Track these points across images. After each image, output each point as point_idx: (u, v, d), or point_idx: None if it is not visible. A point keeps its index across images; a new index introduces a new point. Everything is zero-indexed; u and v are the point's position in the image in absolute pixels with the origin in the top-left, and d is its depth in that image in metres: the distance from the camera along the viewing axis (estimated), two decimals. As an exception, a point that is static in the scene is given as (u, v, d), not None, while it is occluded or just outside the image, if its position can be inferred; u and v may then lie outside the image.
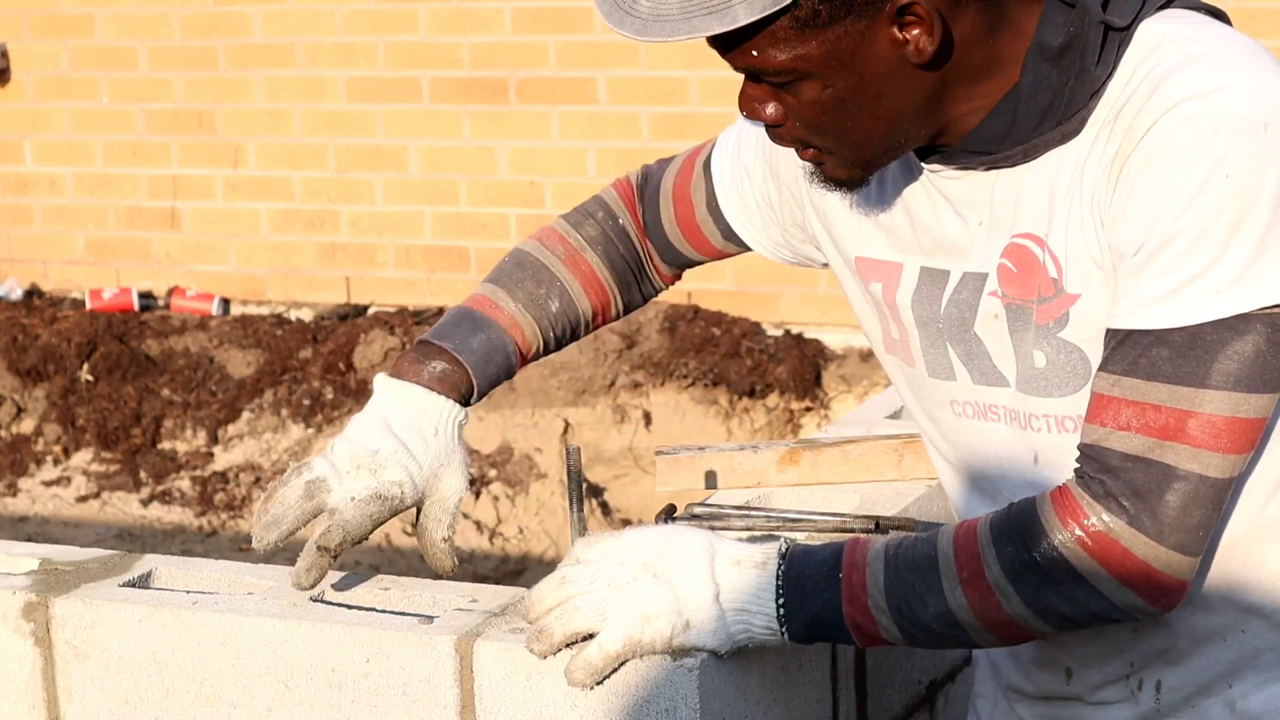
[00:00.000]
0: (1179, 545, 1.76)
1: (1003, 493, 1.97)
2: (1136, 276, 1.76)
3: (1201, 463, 1.75)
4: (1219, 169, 1.72)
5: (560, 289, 2.20)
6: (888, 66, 1.79)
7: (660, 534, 1.86)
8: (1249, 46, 1.82)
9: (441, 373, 2.08)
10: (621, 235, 2.26)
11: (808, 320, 6.68)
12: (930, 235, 1.94)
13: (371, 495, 2.00)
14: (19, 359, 6.97)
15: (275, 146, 7.44)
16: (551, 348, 2.21)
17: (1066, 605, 1.79)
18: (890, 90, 1.80)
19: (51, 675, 2.08)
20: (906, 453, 2.41)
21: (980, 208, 1.90)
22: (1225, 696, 1.94)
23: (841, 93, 1.80)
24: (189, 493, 6.41)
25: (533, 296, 2.18)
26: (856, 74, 1.79)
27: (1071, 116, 1.83)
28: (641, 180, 2.29)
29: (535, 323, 2.17)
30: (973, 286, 1.92)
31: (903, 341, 2.02)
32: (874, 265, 2.02)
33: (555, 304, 2.19)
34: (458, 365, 2.09)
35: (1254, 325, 1.74)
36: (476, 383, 2.10)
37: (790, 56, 1.77)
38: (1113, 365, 1.78)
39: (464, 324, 2.13)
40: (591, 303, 2.23)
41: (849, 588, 1.82)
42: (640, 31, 1.76)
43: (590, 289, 2.23)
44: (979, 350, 1.93)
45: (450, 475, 2.06)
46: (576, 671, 1.82)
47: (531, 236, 2.27)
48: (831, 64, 1.78)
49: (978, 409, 1.96)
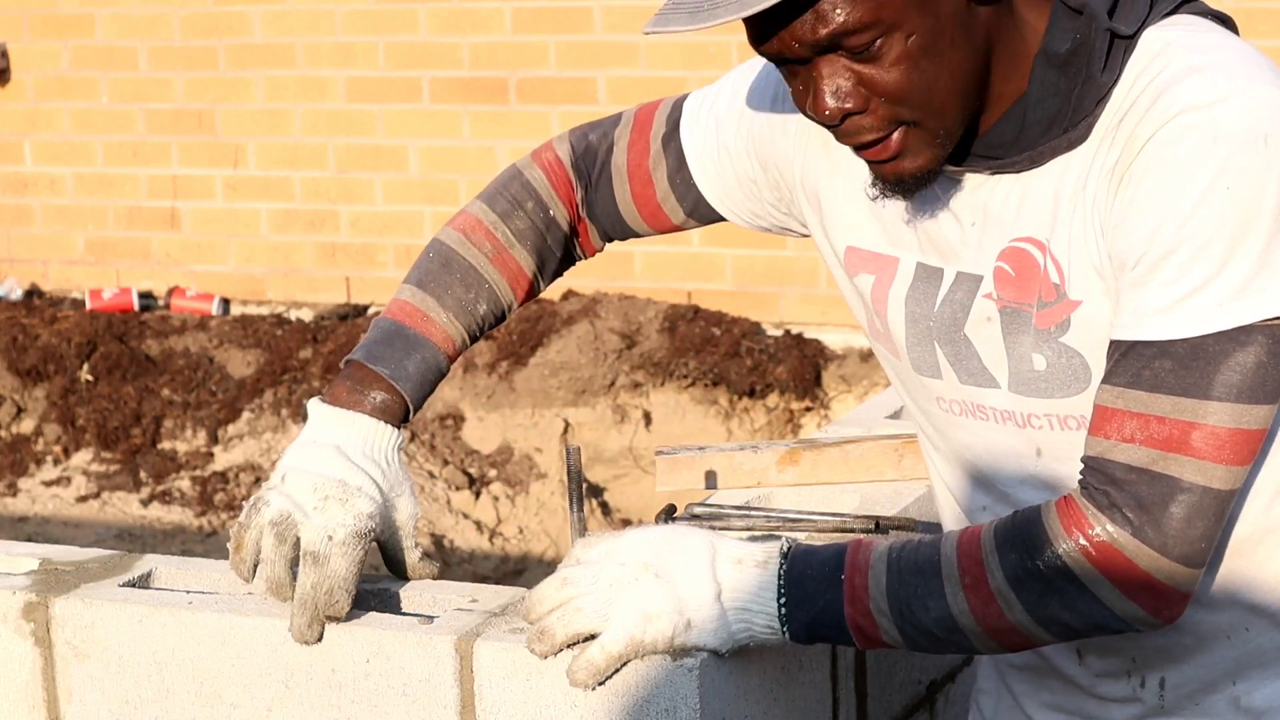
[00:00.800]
0: (1183, 557, 1.76)
1: (1001, 485, 1.97)
2: (1139, 288, 1.76)
3: (1205, 474, 1.75)
4: (1220, 181, 1.72)
5: (489, 291, 2.15)
6: (955, 5, 1.76)
7: (661, 534, 1.86)
8: (1252, 57, 1.81)
9: (383, 403, 2.04)
10: (551, 226, 2.18)
11: (808, 320, 6.68)
12: (927, 233, 1.94)
13: (352, 536, 1.96)
14: (19, 359, 6.97)
15: (275, 146, 7.44)
16: (469, 347, 2.18)
17: (1068, 614, 1.79)
18: (960, 37, 1.76)
19: (51, 675, 2.08)
20: (906, 453, 2.41)
21: (974, 209, 1.90)
22: (1230, 694, 1.94)
23: (924, 40, 1.74)
24: (189, 493, 6.41)
25: (462, 303, 2.13)
26: (932, 14, 1.74)
27: (1078, 123, 1.82)
28: (578, 158, 2.20)
29: (464, 330, 2.13)
30: (967, 288, 1.91)
31: (886, 335, 2.01)
32: (867, 257, 2.00)
33: (483, 307, 2.14)
34: (396, 395, 2.05)
35: (1256, 337, 1.73)
36: (412, 408, 2.08)
37: (874, 5, 1.72)
38: (1116, 377, 1.78)
39: (397, 344, 2.08)
40: (516, 296, 2.18)
41: (851, 589, 1.82)
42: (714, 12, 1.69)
43: (517, 285, 2.17)
44: (968, 351, 1.93)
45: (404, 502, 2.05)
46: (579, 672, 1.82)
47: (453, 224, 2.20)
48: (911, 6, 1.73)
49: (965, 407, 1.96)
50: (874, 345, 2.07)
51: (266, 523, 1.96)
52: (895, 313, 1.98)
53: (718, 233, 6.87)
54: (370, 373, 2.05)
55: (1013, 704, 2.11)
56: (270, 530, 1.96)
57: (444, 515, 6.12)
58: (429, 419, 6.49)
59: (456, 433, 6.46)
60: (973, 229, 1.90)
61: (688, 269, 6.92)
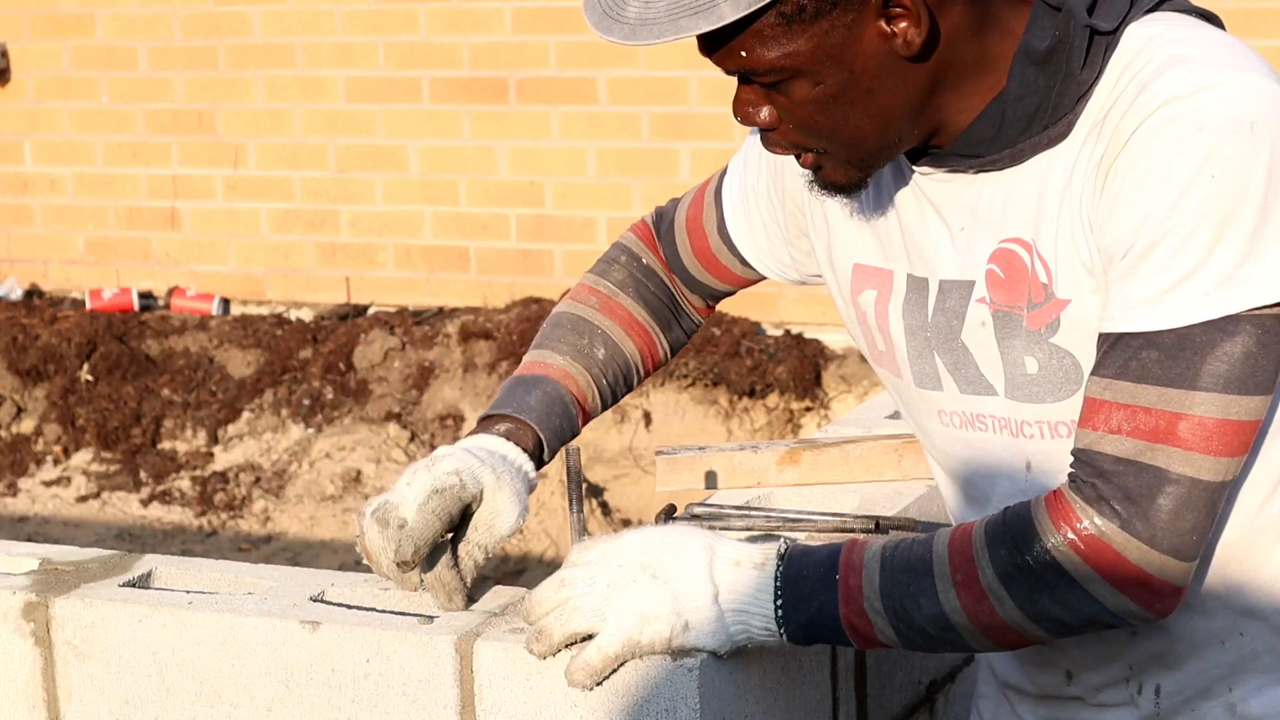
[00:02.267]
0: (1172, 549, 1.75)
1: (993, 501, 1.96)
2: (1126, 279, 1.76)
3: (1193, 466, 1.74)
4: (1205, 169, 1.72)
5: (602, 335, 2.19)
6: (877, 60, 1.78)
7: (659, 535, 1.86)
8: (1236, 47, 1.80)
9: (508, 431, 2.06)
10: (649, 274, 2.26)
11: (808, 320, 6.68)
12: (914, 241, 1.94)
13: (429, 491, 1.94)
14: (19, 359, 6.97)
15: (275, 146, 7.44)
16: (608, 397, 2.19)
17: (1060, 609, 1.78)
18: (881, 85, 1.80)
19: (51, 675, 2.08)
20: (906, 453, 2.41)
21: (963, 212, 1.90)
22: (1225, 700, 1.93)
23: (832, 89, 1.79)
24: (189, 493, 6.41)
25: (577, 347, 2.17)
26: (846, 69, 1.78)
27: (1058, 120, 1.82)
28: (656, 219, 2.30)
29: (585, 371, 2.16)
30: (958, 294, 1.91)
31: (889, 353, 2.02)
32: (869, 273, 2.01)
33: (601, 350, 2.18)
34: (521, 424, 2.07)
35: (1243, 326, 1.73)
36: (544, 436, 2.08)
37: (779, 54, 1.77)
38: (1104, 369, 1.77)
39: (517, 389, 2.12)
40: (636, 345, 2.22)
41: (845, 589, 1.82)
42: (628, 36, 1.76)
43: (632, 331, 2.22)
44: (966, 359, 1.93)
45: (509, 499, 1.99)
46: (576, 672, 1.82)
47: (563, 298, 2.27)
48: (820, 60, 1.77)
49: (965, 418, 1.96)
50: (877, 370, 2.08)
51: (370, 518, 1.96)
52: (896, 326, 1.99)
53: (718, 233, 6.86)
54: (494, 416, 2.09)
55: (1010, 710, 2.11)
56: (375, 524, 1.95)
57: (444, 515, 6.11)
58: (429, 419, 6.49)
59: (457, 433, 6.46)
60: (962, 234, 1.90)
61: (688, 269, 6.91)
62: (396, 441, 6.42)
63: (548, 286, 6.99)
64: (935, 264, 1.93)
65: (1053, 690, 2.03)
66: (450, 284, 7.23)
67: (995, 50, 1.82)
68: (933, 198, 1.91)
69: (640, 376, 2.25)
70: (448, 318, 6.98)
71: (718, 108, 6.71)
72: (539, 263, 7.08)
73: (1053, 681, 2.02)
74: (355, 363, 6.78)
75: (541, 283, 7.04)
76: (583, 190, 7.00)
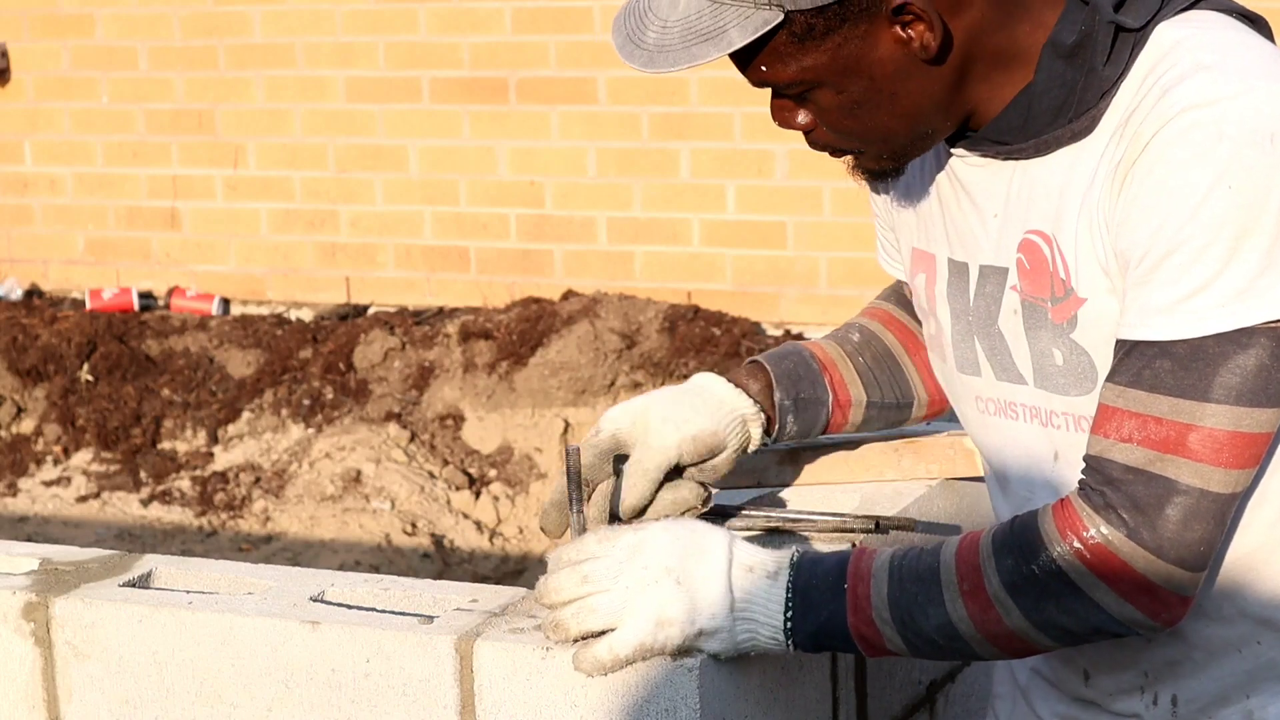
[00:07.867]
0: (1179, 560, 1.75)
1: (1022, 491, 1.97)
2: (1142, 287, 1.76)
3: (1203, 477, 1.73)
4: (1222, 180, 1.70)
5: (880, 341, 2.23)
6: (896, 65, 1.79)
7: (686, 535, 1.83)
8: (1266, 56, 1.79)
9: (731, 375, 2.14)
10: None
11: (808, 320, 6.67)
12: (955, 226, 1.96)
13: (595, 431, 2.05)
14: (19, 359, 6.97)
15: (275, 146, 7.44)
16: (868, 378, 2.21)
17: (1066, 618, 1.78)
18: (904, 88, 1.81)
19: (51, 675, 2.08)
20: (906, 453, 2.41)
21: (996, 198, 1.91)
22: (1243, 708, 1.92)
23: (856, 96, 1.81)
24: (189, 493, 6.41)
25: (839, 336, 2.25)
26: (866, 77, 1.80)
27: (1082, 115, 1.82)
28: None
29: (839, 345, 2.21)
30: (995, 280, 1.92)
31: (938, 337, 2.04)
32: (920, 256, 2.05)
33: (862, 341, 2.23)
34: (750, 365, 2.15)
35: (1258, 339, 1.72)
36: (771, 371, 2.14)
37: (797, 69, 1.79)
38: (1119, 376, 1.77)
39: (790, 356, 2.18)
40: (915, 364, 2.23)
41: (854, 598, 1.82)
42: (647, 64, 1.80)
43: (916, 357, 2.23)
44: (1001, 346, 1.94)
45: (668, 432, 2.05)
46: (584, 663, 1.82)
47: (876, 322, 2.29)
48: (839, 71, 1.79)
49: (1000, 406, 1.96)
50: (930, 356, 2.11)
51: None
52: (943, 309, 2.01)
53: (718, 233, 6.87)
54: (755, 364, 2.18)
55: (1028, 709, 2.11)
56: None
57: (444, 515, 6.12)
58: (429, 419, 6.49)
59: (456, 433, 6.46)
60: (995, 220, 1.91)
61: (688, 269, 6.92)
62: (396, 441, 6.42)
63: (547, 286, 7.00)
64: (973, 249, 1.94)
65: (1071, 689, 2.02)
66: (450, 284, 7.23)
67: (1026, 41, 1.83)
68: (967, 182, 1.93)
69: (918, 392, 2.24)
70: (448, 318, 6.98)
71: (718, 108, 6.72)
72: (539, 263, 7.08)
73: (1071, 679, 2.02)
74: (355, 363, 6.78)
75: (541, 283, 7.04)
76: (583, 190, 7.00)
